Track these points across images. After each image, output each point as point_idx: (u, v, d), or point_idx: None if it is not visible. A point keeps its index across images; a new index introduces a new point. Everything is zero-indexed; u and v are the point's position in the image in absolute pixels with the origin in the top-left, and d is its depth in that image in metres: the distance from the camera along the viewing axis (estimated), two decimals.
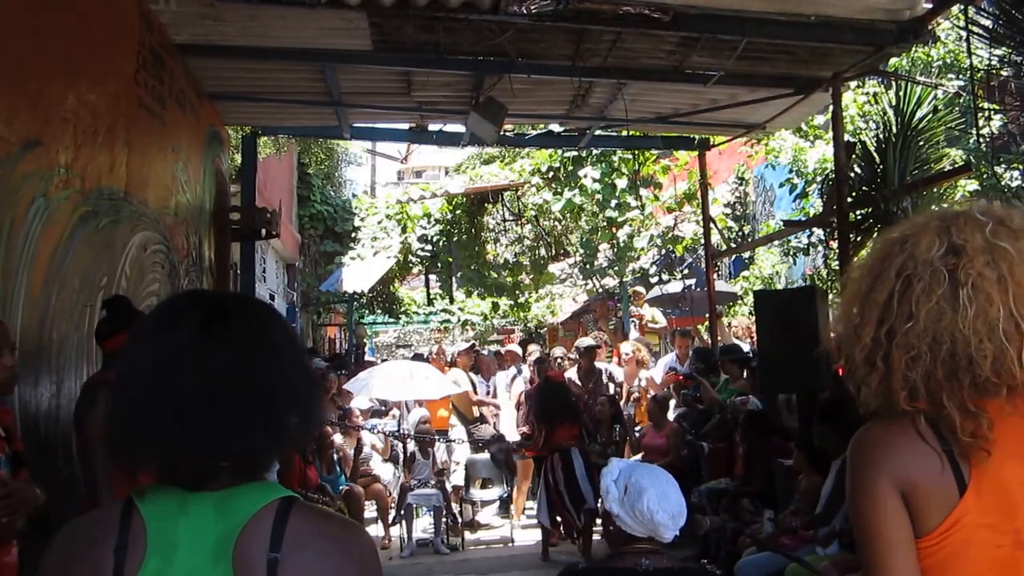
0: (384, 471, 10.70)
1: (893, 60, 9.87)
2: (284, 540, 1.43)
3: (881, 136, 8.75)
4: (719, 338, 11.74)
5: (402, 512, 10.07)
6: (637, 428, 10.68)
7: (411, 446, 10.39)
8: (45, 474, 3.85)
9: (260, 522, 1.45)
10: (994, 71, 10.43)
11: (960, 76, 12.66)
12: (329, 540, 1.48)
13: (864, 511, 1.66)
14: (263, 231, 9.66)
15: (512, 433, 11.30)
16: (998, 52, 8.92)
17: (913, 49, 11.60)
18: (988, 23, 7.38)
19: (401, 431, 10.95)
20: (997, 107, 12.01)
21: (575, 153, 15.02)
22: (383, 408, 12.18)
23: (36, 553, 3.32)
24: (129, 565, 1.42)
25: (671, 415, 10.24)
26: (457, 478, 10.92)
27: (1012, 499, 1.58)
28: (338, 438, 9.91)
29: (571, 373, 11.23)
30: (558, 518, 9.16)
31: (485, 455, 11.12)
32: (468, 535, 10.51)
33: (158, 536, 1.44)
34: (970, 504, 1.59)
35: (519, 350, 13.68)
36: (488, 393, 12.20)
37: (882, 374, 1.66)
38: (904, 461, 1.62)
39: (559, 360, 11.74)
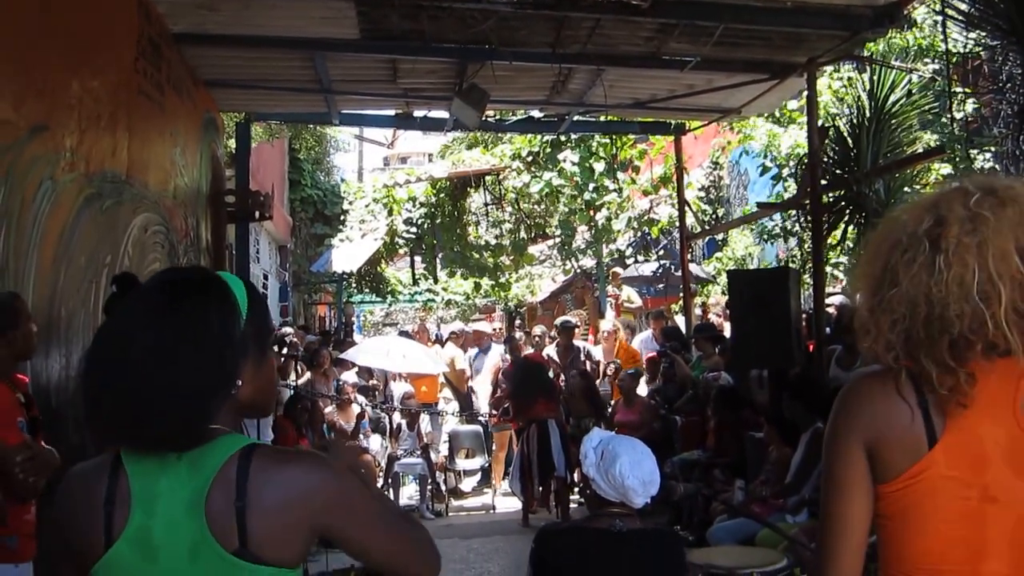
0: (372, 441, 11.00)
1: (869, 44, 9.98)
2: (248, 486, 1.55)
3: (855, 120, 8.86)
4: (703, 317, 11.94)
5: (389, 480, 10.43)
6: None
7: (397, 418, 10.70)
8: (56, 441, 4.05)
9: (226, 474, 1.56)
10: (969, 55, 10.57)
11: (936, 60, 12.78)
12: (289, 474, 1.60)
13: (829, 456, 1.81)
14: (256, 213, 9.83)
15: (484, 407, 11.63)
16: (973, 36, 9.05)
17: (890, 34, 11.70)
18: (964, 7, 7.45)
19: (387, 404, 11.26)
20: (971, 91, 12.19)
21: (554, 138, 15.14)
22: (369, 384, 12.45)
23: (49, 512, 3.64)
24: (118, 518, 1.57)
25: (644, 390, 10.51)
26: (442, 448, 11.23)
27: (983, 454, 1.66)
28: (330, 410, 10.19)
29: (550, 350, 11.46)
30: (539, 488, 9.47)
31: (469, 426, 11.45)
32: (452, 502, 10.88)
33: (141, 493, 1.58)
34: (937, 456, 1.67)
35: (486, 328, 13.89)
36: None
37: (873, 337, 1.76)
38: (874, 413, 1.73)
39: (538, 338, 12.00)
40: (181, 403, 1.55)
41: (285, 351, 9.89)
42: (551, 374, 10.53)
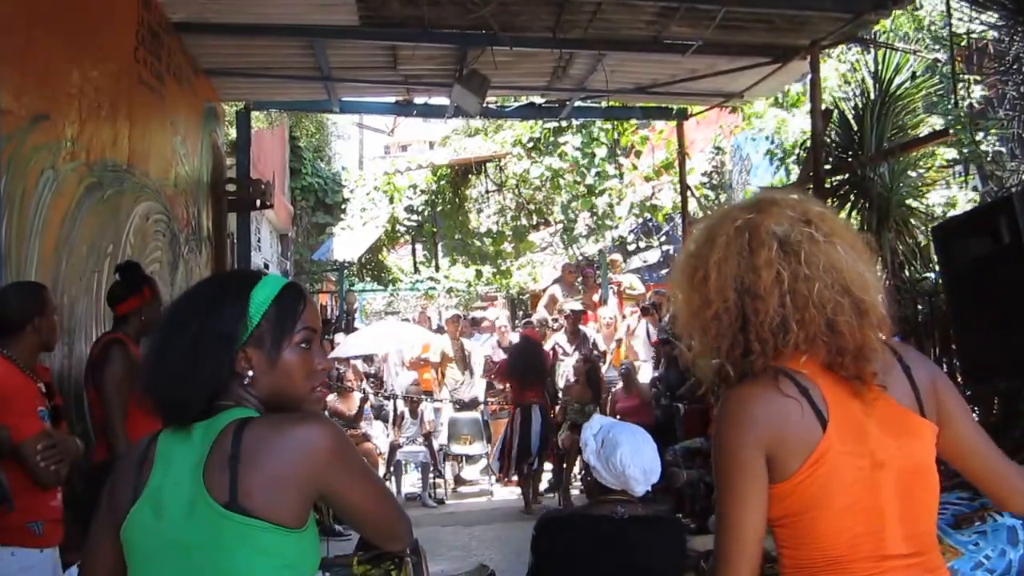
0: (374, 428, 11.03)
1: (883, 22, 9.87)
2: (243, 442, 1.67)
3: (859, 103, 8.77)
4: None
5: (391, 468, 10.48)
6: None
7: (400, 406, 10.73)
8: None
9: (227, 434, 1.69)
10: (974, 37, 10.46)
11: (941, 43, 12.66)
12: (286, 431, 1.71)
13: (727, 469, 1.83)
14: (258, 202, 9.78)
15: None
16: (979, 17, 8.96)
17: (896, 16, 11.57)
18: None
19: (391, 392, 11.30)
20: (980, 77, 12.08)
21: (555, 124, 15.10)
22: (371, 372, 12.47)
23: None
24: (143, 476, 1.75)
25: (648, 377, 10.52)
26: (442, 437, 11.26)
27: (861, 427, 1.80)
28: (332, 398, 10.21)
29: (559, 337, 11.46)
30: (514, 471, 9.62)
31: (467, 414, 11.47)
32: (453, 489, 10.95)
33: (162, 456, 1.76)
34: (832, 436, 1.78)
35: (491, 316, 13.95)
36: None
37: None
38: (769, 417, 1.80)
39: (538, 325, 11.99)
40: (178, 380, 1.75)
41: None
42: (554, 360, 10.56)
